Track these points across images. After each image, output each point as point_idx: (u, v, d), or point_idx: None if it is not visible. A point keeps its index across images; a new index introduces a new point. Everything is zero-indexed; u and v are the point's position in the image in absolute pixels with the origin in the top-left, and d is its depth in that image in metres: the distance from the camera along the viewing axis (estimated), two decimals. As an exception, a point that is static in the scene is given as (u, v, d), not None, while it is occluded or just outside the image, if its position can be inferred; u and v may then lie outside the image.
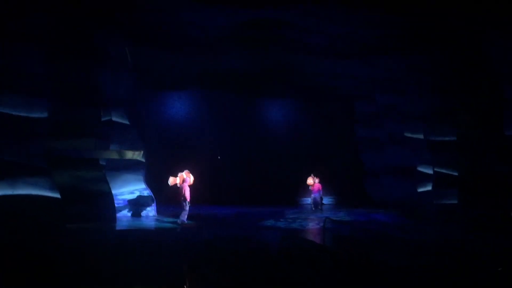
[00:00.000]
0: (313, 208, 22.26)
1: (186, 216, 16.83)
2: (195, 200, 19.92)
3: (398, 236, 15.36)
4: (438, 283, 8.40)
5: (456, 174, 20.25)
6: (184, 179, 16.70)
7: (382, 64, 19.13)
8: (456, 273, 9.18)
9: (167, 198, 20.32)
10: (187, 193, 16.71)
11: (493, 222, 17.06)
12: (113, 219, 16.55)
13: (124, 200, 18.81)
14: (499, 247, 13.53)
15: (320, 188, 22.57)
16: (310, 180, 22.47)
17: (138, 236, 14.60)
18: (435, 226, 18.25)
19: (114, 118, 18.58)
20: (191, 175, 16.97)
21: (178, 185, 16.73)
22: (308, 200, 24.83)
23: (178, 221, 16.73)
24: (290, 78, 22.07)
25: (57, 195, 14.95)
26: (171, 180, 16.75)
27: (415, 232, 16.82)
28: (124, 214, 18.59)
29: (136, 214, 18.74)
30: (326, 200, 25.10)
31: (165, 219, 18.02)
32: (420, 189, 22.07)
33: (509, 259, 11.33)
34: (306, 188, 23.60)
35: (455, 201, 19.99)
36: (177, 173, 16.82)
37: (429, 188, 21.58)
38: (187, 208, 16.75)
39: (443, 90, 20.22)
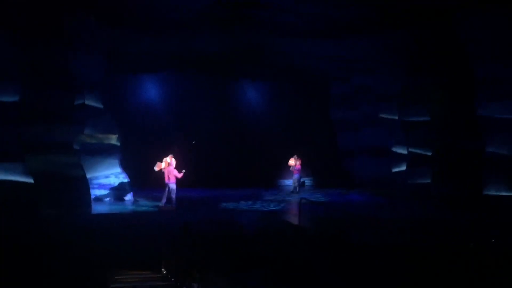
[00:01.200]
0: (297, 189, 22.37)
1: (172, 199, 16.84)
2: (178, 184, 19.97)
3: (372, 215, 15.63)
4: (413, 259, 8.62)
5: (429, 153, 20.61)
6: (169, 163, 16.80)
7: (356, 45, 19.21)
8: (430, 250, 9.42)
9: (144, 181, 20.31)
10: (172, 176, 16.78)
11: (464, 200, 17.48)
12: (88, 204, 16.41)
13: (99, 184, 18.69)
14: (470, 223, 13.91)
15: (300, 169, 22.66)
16: (291, 161, 22.45)
17: (114, 221, 14.56)
18: (409, 205, 18.63)
19: (87, 102, 18.32)
20: (173, 159, 17.03)
21: (163, 170, 16.82)
22: (287, 182, 25.04)
23: (172, 205, 16.80)
24: (265, 60, 22.02)
25: (30, 181, 14.75)
26: (157, 167, 16.83)
27: (389, 211, 17.14)
28: (100, 199, 18.51)
29: (110, 198, 18.69)
30: (305, 181, 25.36)
31: (142, 203, 17.97)
32: (395, 169, 22.44)
33: (480, 235, 11.65)
34: (285, 170, 23.74)
35: (428, 180, 20.39)
36: (162, 159, 16.90)
37: (403, 167, 21.96)
38: (173, 191, 16.82)
39: (416, 70, 20.47)
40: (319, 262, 7.97)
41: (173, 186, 16.90)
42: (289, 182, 23.88)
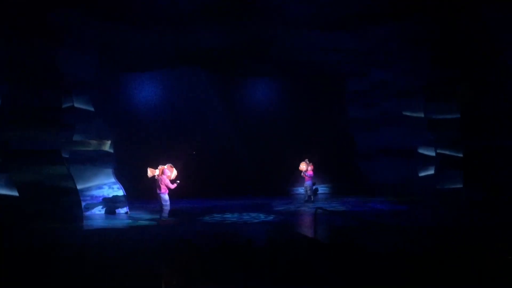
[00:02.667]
0: (307, 198, 22.28)
1: (167, 212, 16.96)
2: (175, 194, 20.01)
3: (393, 224, 15.54)
4: (429, 271, 8.58)
5: (460, 155, 20.50)
6: (163, 171, 16.84)
7: (373, 35, 19.12)
8: (455, 260, 9.36)
9: (140, 192, 20.37)
10: (163, 186, 16.85)
11: (501, 207, 17.33)
12: (80, 218, 16.49)
13: (92, 196, 18.77)
14: (505, 232, 13.76)
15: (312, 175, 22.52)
16: (302, 166, 22.27)
17: (109, 236, 14.56)
18: (435, 212, 18.50)
19: (76, 104, 18.40)
20: (174, 169, 17.07)
21: (156, 177, 16.86)
22: (300, 189, 24.95)
23: (161, 217, 16.88)
24: (273, 55, 21.99)
25: (15, 193, 14.82)
26: (150, 172, 16.91)
27: (413, 219, 17.05)
28: (93, 212, 18.58)
29: (111, 211, 18.76)
30: (320, 189, 25.29)
31: (139, 216, 18.00)
32: (421, 173, 22.30)
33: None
34: (297, 176, 23.70)
35: (460, 185, 20.26)
36: (157, 166, 16.98)
37: (430, 171, 21.83)
38: (166, 202, 16.88)
39: (442, 61, 20.35)
40: (334, 276, 7.94)
41: (164, 196, 16.94)
42: (302, 190, 23.79)
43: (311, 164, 22.28)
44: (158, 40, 19.66)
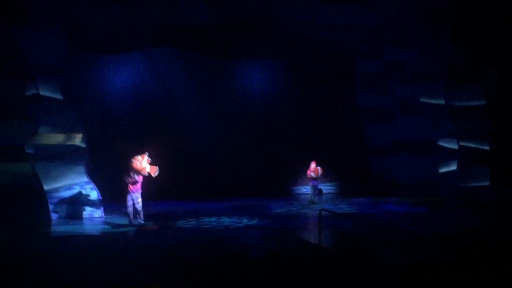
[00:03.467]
0: (315, 200, 22.37)
1: (139, 213, 16.94)
2: (156, 195, 20.05)
3: (409, 229, 15.62)
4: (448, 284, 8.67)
5: (486, 148, 20.56)
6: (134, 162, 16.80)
7: (387, 9, 19.14)
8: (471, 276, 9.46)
9: (118, 193, 20.36)
10: (135, 184, 16.82)
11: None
12: (48, 223, 16.48)
13: (60, 198, 18.78)
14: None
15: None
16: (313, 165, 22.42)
17: (81, 244, 14.56)
18: (458, 216, 18.58)
19: (42, 92, 18.37)
20: (146, 156, 16.98)
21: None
22: (303, 189, 25.06)
23: (135, 223, 16.85)
24: (273, 33, 21.97)
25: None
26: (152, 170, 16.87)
27: (432, 224, 17.12)
28: (61, 217, 18.60)
29: (75, 215, 18.71)
30: (325, 189, 25.37)
31: (116, 222, 18.02)
32: (442, 169, 22.36)
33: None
34: (301, 174, 23.76)
35: (486, 182, 20.33)
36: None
37: (453, 167, 21.89)
38: (140, 204, 16.86)
39: (465, 40, 20.37)
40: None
41: (137, 195, 16.90)
42: (307, 190, 23.92)
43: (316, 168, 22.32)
44: (134, 17, 19.58)
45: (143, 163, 16.85)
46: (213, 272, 9.11)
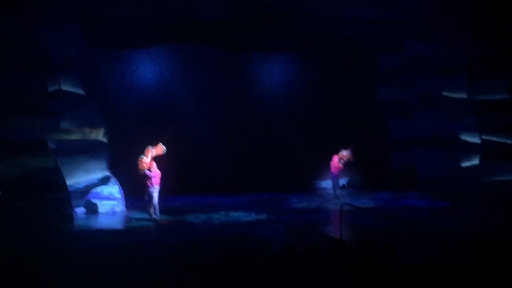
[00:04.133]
0: (335, 193, 22.33)
1: (158, 211, 16.95)
2: (175, 189, 20.04)
3: (432, 225, 15.48)
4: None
5: (510, 142, 20.35)
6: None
7: (408, 3, 18.97)
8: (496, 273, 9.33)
9: (139, 189, 20.45)
10: (154, 176, 16.81)
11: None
12: (70, 218, 16.60)
13: (82, 192, 18.84)
14: None
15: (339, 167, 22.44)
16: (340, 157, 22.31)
17: (103, 239, 14.66)
18: (482, 210, 18.39)
19: (64, 87, 18.48)
20: (150, 151, 16.92)
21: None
22: (324, 184, 24.98)
23: (150, 218, 16.86)
24: (292, 27, 21.90)
25: (-5, 190, 14.97)
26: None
27: (455, 219, 16.95)
28: (83, 211, 18.70)
29: (97, 210, 18.80)
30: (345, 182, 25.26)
31: (137, 216, 18.08)
32: (464, 163, 22.16)
33: None
34: (322, 168, 23.69)
35: (510, 177, 20.12)
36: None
37: (475, 161, 21.69)
38: (155, 198, 16.84)
39: (487, 33, 20.13)
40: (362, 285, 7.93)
41: (150, 190, 16.88)
42: (328, 184, 23.85)
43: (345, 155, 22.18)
44: (154, 11, 19.59)
45: (148, 158, 16.77)
46: (233, 266, 9.10)
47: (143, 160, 16.66)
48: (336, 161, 22.14)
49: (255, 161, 25.06)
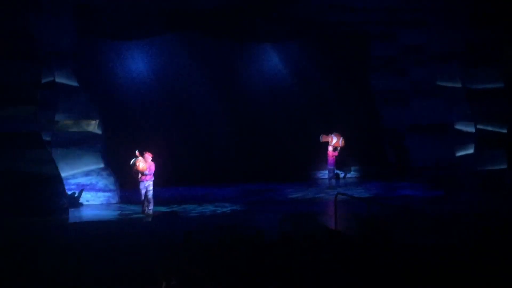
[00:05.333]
0: (333, 183, 22.36)
1: (152, 204, 16.90)
2: (166, 181, 20.01)
3: (426, 211, 15.54)
4: (471, 266, 8.58)
5: (504, 131, 20.35)
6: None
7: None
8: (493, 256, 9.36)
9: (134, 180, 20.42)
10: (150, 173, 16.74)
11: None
12: (64, 210, 16.54)
13: (77, 184, 18.84)
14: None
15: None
16: (328, 139, 22.24)
17: (98, 230, 14.66)
18: (476, 198, 18.45)
19: (58, 79, 18.42)
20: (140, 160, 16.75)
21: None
22: (320, 174, 25.01)
23: (148, 212, 16.82)
24: (286, 14, 21.81)
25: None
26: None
27: (449, 206, 17.02)
28: (78, 203, 18.68)
29: (92, 201, 18.78)
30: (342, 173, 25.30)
31: (132, 208, 18.07)
32: (459, 152, 22.19)
33: None
34: (318, 158, 23.70)
35: (504, 166, 20.14)
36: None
37: (470, 150, 21.72)
38: (151, 192, 16.76)
39: (483, 20, 20.09)
40: (358, 273, 7.93)
41: (150, 183, 16.83)
42: (324, 174, 23.87)
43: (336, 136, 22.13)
44: (146, 1, 19.47)
45: (143, 163, 16.66)
46: (227, 255, 9.08)
47: (140, 161, 16.54)
48: (330, 150, 22.13)
49: (249, 151, 24.98)
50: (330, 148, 22.17)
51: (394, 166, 24.96)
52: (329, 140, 22.20)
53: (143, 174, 16.61)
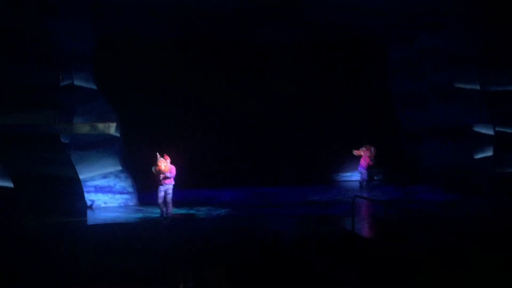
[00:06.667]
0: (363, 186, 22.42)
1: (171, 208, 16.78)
2: (185, 183, 20.05)
3: (443, 215, 15.46)
4: (484, 267, 8.54)
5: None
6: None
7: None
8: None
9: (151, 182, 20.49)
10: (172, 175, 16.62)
11: None
12: (83, 212, 16.66)
13: (95, 186, 18.96)
14: None
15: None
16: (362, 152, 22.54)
17: (117, 232, 14.71)
18: (493, 201, 18.32)
19: (76, 82, 18.53)
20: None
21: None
22: (352, 176, 24.98)
23: (167, 215, 16.73)
24: (299, 17, 21.78)
25: (9, 184, 15.02)
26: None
27: (466, 210, 16.91)
28: (98, 205, 18.77)
29: (110, 204, 18.90)
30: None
31: (150, 210, 18.12)
32: (477, 155, 22.02)
33: None
34: (340, 159, 23.64)
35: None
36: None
37: (488, 153, 21.55)
38: (170, 196, 16.62)
39: (501, 23, 19.95)
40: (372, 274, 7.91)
41: (170, 186, 16.61)
42: (356, 176, 23.84)
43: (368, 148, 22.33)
44: (163, 2, 19.53)
45: (165, 164, 16.53)
46: (246, 259, 9.11)
47: (162, 162, 16.41)
48: (367, 157, 22.21)
49: (270, 154, 24.99)
50: (368, 156, 22.30)
51: (412, 170, 24.81)
52: (362, 153, 22.32)
53: (165, 176, 16.41)
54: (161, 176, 16.31)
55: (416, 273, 8.48)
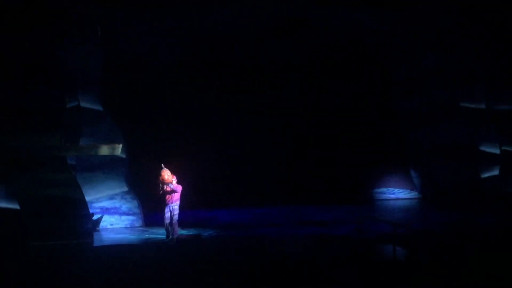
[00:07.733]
0: None
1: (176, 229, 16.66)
2: (193, 203, 20.03)
3: (448, 234, 15.39)
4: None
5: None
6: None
7: (424, 12, 18.89)
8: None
9: (157, 204, 20.46)
10: (173, 194, 16.49)
11: None
12: (89, 233, 16.62)
13: (102, 208, 18.95)
14: None
15: None
16: None
17: (123, 254, 14.64)
18: (502, 220, 18.22)
19: (83, 104, 18.62)
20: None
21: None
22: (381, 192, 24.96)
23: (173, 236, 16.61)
24: (308, 38, 21.91)
25: (15, 206, 15.02)
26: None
27: (471, 229, 16.84)
28: (104, 227, 18.74)
29: (116, 225, 18.88)
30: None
31: (156, 231, 18.07)
32: (484, 174, 21.95)
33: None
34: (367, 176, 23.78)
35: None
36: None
37: (495, 172, 21.50)
38: (176, 216, 16.52)
39: (507, 42, 20.00)
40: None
41: (176, 207, 16.47)
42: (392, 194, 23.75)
43: None
44: (168, 25, 19.64)
45: (168, 174, 16.45)
46: (253, 280, 9.07)
47: (166, 173, 16.37)
48: None
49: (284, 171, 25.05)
50: None
51: (419, 188, 24.74)
52: None
53: (172, 190, 16.32)
54: (166, 188, 16.24)
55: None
